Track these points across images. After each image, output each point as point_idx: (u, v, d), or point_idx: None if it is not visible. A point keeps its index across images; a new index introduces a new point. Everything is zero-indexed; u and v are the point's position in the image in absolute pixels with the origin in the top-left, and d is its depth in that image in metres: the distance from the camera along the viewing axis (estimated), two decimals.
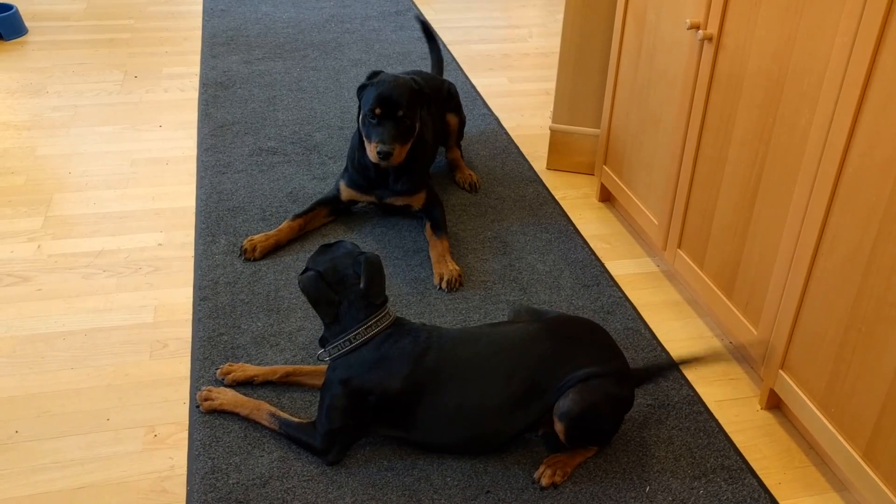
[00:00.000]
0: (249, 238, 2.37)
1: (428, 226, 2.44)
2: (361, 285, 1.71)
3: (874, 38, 1.46)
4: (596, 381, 1.65)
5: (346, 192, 2.50)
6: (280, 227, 2.42)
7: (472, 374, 1.68)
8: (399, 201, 2.48)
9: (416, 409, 1.69)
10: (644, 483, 1.70)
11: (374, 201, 2.50)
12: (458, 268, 2.28)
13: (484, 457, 1.74)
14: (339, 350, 1.71)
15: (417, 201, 2.48)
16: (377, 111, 2.27)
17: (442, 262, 2.30)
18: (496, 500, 1.65)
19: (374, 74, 2.36)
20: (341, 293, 1.71)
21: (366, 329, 1.70)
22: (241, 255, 2.35)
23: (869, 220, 1.53)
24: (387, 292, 2.22)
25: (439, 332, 1.75)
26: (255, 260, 2.33)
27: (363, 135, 2.34)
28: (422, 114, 2.43)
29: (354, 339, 1.70)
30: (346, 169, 2.51)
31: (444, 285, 2.24)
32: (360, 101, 2.35)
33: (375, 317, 1.71)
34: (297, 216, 2.45)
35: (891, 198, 1.47)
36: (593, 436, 1.70)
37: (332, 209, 2.52)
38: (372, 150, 2.28)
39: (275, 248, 2.38)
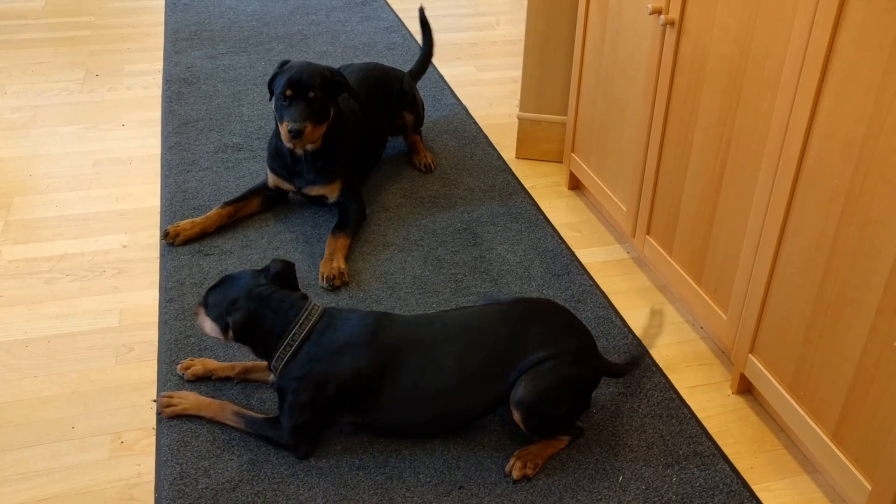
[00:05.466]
0: (175, 224, 2.36)
1: (336, 222, 2.41)
2: (273, 272, 1.77)
3: (831, 20, 1.46)
4: (548, 363, 1.63)
5: (271, 179, 2.50)
6: (208, 214, 2.41)
7: (428, 354, 1.68)
8: (314, 190, 2.45)
9: (375, 391, 1.68)
10: (617, 473, 1.70)
11: (294, 190, 2.48)
12: (343, 266, 2.23)
13: (456, 451, 1.73)
14: (283, 358, 1.68)
15: (332, 192, 2.44)
16: (288, 93, 2.26)
17: (328, 261, 2.25)
18: (469, 496, 1.64)
19: (284, 63, 2.34)
20: (272, 309, 1.70)
21: (300, 326, 1.69)
22: (163, 237, 2.34)
23: (832, 203, 1.53)
24: (357, 288, 2.22)
25: (389, 316, 1.76)
26: (174, 246, 2.33)
27: (276, 118, 2.33)
28: (343, 104, 2.42)
29: (293, 340, 1.68)
30: (267, 155, 2.51)
31: (324, 283, 2.20)
32: (270, 90, 2.35)
33: (305, 311, 1.71)
34: (227, 203, 2.44)
35: (852, 180, 1.47)
36: (553, 422, 1.69)
37: (265, 198, 2.51)
38: (284, 130, 2.27)
39: (200, 236, 2.37)
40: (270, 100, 2.36)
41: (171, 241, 2.33)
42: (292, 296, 1.74)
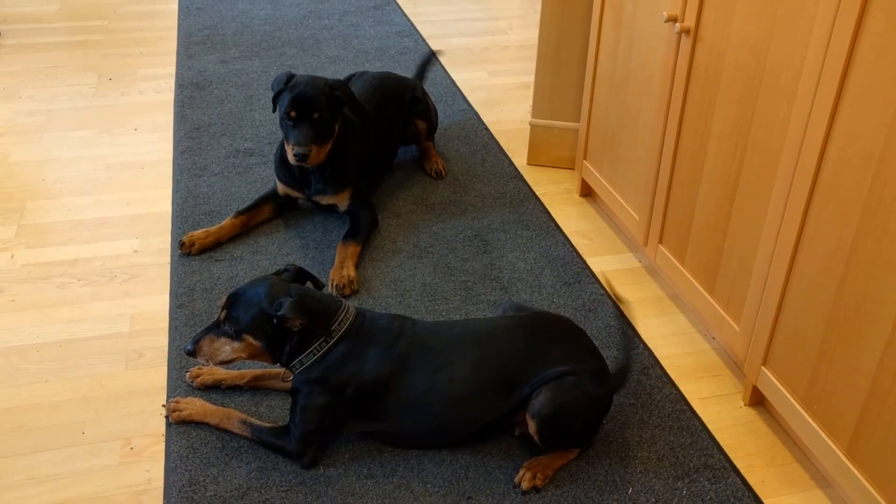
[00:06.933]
0: (189, 234, 2.37)
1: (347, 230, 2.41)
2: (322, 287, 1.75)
3: (851, 30, 1.44)
4: (570, 378, 1.63)
5: (280, 187, 2.51)
6: (222, 224, 2.42)
7: (442, 360, 1.68)
8: (324, 199, 2.46)
9: (389, 397, 1.68)
10: (627, 485, 1.69)
11: (304, 198, 2.49)
12: (353, 274, 2.23)
13: (464, 461, 1.72)
14: (314, 355, 1.68)
15: (342, 201, 2.44)
16: (292, 114, 2.27)
17: (339, 268, 2.25)
18: None
19: (290, 78, 2.33)
20: (317, 308, 1.68)
21: (339, 324, 1.69)
22: (179, 247, 2.34)
23: (848, 215, 1.51)
24: (367, 295, 2.21)
25: (411, 320, 1.76)
26: (190, 255, 2.34)
27: (283, 136, 2.35)
28: (348, 115, 2.41)
29: (329, 338, 1.67)
30: (274, 165, 2.51)
31: (333, 291, 2.20)
32: (275, 104, 2.34)
33: (342, 310, 1.71)
34: (240, 213, 2.45)
35: (870, 192, 1.45)
36: (567, 436, 1.68)
37: (276, 205, 2.52)
38: (289, 152, 2.29)
39: (215, 245, 2.38)
40: (274, 112, 2.36)
41: (187, 251, 2.34)
42: (327, 294, 1.74)
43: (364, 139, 2.50)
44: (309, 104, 2.26)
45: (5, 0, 4.36)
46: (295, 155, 2.26)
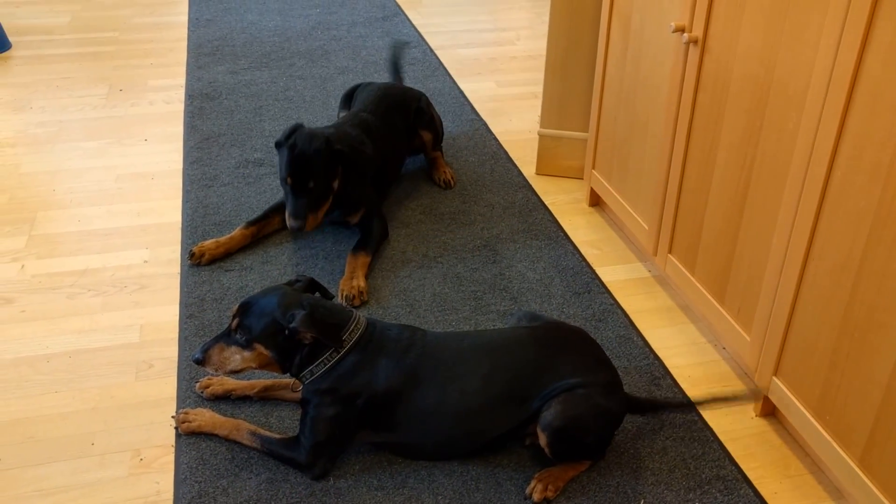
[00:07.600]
0: (200, 244, 2.37)
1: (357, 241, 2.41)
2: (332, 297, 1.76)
3: (859, 40, 1.44)
4: (581, 391, 1.63)
5: None
6: (232, 234, 2.42)
7: (454, 372, 1.67)
8: (335, 219, 2.47)
9: (399, 408, 1.67)
10: (638, 496, 1.68)
11: None
12: (363, 285, 2.23)
13: (475, 473, 1.72)
14: (325, 365, 1.68)
15: (354, 218, 2.46)
16: (288, 181, 2.26)
17: (349, 279, 2.25)
18: None
19: (292, 132, 2.30)
20: (329, 319, 1.68)
21: (349, 334, 1.69)
22: (189, 258, 2.35)
23: (859, 224, 1.51)
24: (377, 305, 2.21)
25: (422, 331, 1.76)
26: (200, 266, 2.34)
27: (283, 194, 2.34)
28: (357, 137, 2.42)
29: (340, 348, 1.67)
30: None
31: (343, 301, 2.20)
32: (277, 148, 2.34)
33: (353, 321, 1.70)
34: (250, 223, 2.45)
35: (880, 202, 1.45)
36: (578, 449, 1.67)
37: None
38: (287, 218, 2.29)
39: (225, 256, 2.38)
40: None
41: (197, 261, 2.34)
42: (338, 305, 1.74)
43: (370, 161, 2.49)
44: (305, 171, 2.24)
45: (17, 12, 4.40)
46: (290, 227, 2.27)
